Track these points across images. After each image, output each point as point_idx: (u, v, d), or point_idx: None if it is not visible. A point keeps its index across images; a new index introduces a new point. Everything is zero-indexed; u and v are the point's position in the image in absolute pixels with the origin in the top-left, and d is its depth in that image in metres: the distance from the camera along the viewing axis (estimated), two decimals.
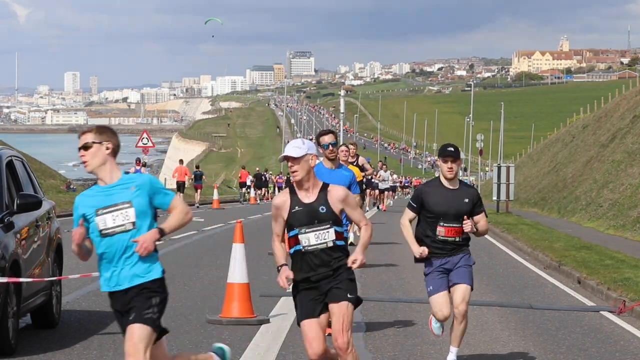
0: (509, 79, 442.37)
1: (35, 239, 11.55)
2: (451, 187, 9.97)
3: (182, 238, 27.38)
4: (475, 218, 10.17)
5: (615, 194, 37.79)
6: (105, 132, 7.54)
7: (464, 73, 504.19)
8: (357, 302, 8.15)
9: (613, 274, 17.95)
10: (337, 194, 8.03)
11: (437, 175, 12.17)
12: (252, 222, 36.60)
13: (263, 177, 69.18)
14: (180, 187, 48.31)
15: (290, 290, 8.46)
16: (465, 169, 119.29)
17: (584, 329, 13.23)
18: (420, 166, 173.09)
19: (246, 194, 65.03)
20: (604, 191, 39.57)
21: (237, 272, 12.78)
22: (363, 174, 20.89)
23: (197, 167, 55.19)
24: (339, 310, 8.02)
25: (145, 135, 49.62)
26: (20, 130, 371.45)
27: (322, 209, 7.97)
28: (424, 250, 10.61)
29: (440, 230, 10.22)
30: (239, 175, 70.49)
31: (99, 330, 12.08)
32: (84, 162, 7.53)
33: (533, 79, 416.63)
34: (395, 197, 59.76)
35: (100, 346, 11.08)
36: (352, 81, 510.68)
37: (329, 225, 7.99)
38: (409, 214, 10.63)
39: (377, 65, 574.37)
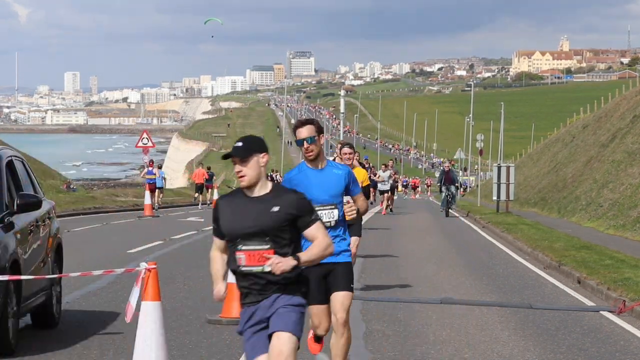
0: (509, 79, 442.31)
1: (35, 239, 11.55)
2: (255, 195, 6.83)
3: (182, 238, 27.38)
4: (306, 233, 6.78)
5: (615, 194, 37.79)
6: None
7: (464, 73, 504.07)
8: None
9: (613, 274, 17.95)
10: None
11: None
12: None
13: (269, 177, 70.42)
14: (199, 188, 52.34)
15: None
16: (465, 169, 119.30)
17: (584, 329, 13.23)
18: (420, 166, 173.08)
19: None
20: (604, 191, 39.57)
21: None
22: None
23: (209, 168, 57.17)
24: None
25: (145, 135, 49.60)
26: (20, 130, 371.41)
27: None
28: (219, 291, 7.19)
29: (240, 258, 6.78)
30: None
31: (99, 330, 12.09)
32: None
33: (533, 79, 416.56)
34: (396, 197, 58.79)
35: (100, 346, 11.08)
36: (352, 81, 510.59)
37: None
38: (215, 242, 7.11)
39: (377, 65, 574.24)
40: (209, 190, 53.71)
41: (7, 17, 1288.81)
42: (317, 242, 6.78)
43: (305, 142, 8.75)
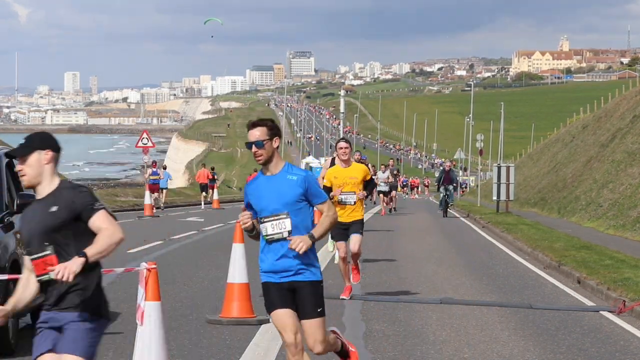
0: (509, 79, 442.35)
1: None
2: (40, 196, 6.39)
3: (182, 238, 27.38)
4: (91, 225, 6.25)
5: (615, 194, 37.79)
6: None
7: (464, 73, 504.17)
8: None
9: (613, 274, 17.96)
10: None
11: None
12: None
13: None
14: (203, 188, 55.25)
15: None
16: (465, 169, 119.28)
17: (584, 329, 13.23)
18: (420, 166, 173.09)
19: None
20: (604, 191, 39.57)
21: (237, 272, 12.79)
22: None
23: (213, 168, 59.86)
24: None
25: (145, 135, 49.62)
26: (20, 130, 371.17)
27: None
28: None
29: (33, 267, 6.52)
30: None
31: None
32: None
33: (533, 79, 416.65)
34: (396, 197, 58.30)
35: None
36: (352, 81, 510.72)
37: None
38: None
39: (377, 65, 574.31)
40: (212, 190, 55.55)
41: (7, 17, 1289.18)
42: (101, 233, 6.14)
43: (253, 145, 7.89)
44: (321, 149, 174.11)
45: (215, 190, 54.95)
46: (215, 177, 58.95)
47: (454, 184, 46.03)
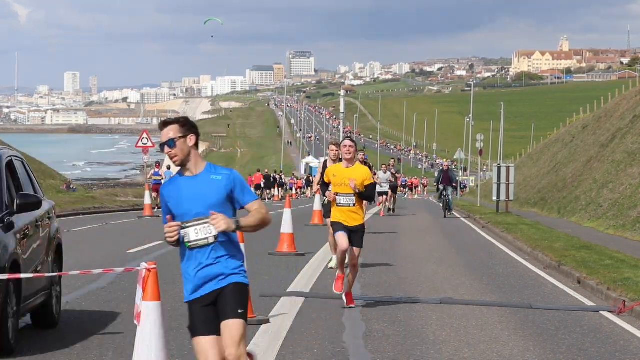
0: (509, 79, 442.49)
1: (35, 239, 11.55)
2: None
3: None
4: None
5: (615, 194, 37.79)
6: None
7: (464, 73, 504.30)
8: None
9: (613, 274, 17.95)
10: None
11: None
12: None
13: (272, 178, 77.20)
14: None
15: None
16: (465, 169, 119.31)
17: (584, 329, 13.23)
18: (420, 166, 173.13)
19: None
20: (604, 191, 39.58)
21: None
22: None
23: None
24: None
25: (145, 135, 49.66)
26: (20, 130, 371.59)
27: None
28: None
29: None
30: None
31: (99, 330, 12.08)
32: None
33: (533, 79, 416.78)
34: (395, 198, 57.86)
35: (100, 346, 11.08)
36: (352, 81, 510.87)
37: None
38: None
39: (377, 65, 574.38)
40: None
41: (7, 17, 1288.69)
42: None
43: (166, 146, 7.25)
44: (321, 148, 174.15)
45: None
46: None
47: (454, 184, 45.32)
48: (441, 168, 46.57)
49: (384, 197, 44.26)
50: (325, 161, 20.29)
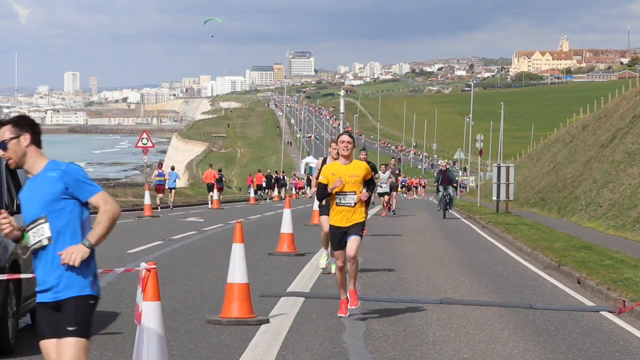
0: (508, 79, 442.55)
1: None
2: None
3: (182, 238, 27.39)
4: None
5: (615, 194, 37.79)
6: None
7: (463, 73, 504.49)
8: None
9: (613, 274, 17.95)
10: None
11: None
12: (252, 222, 36.61)
13: (273, 178, 78.30)
14: (210, 188, 56.07)
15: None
16: (465, 169, 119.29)
17: (584, 329, 13.23)
18: (420, 166, 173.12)
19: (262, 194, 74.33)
20: (603, 191, 39.57)
21: (237, 272, 12.78)
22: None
23: (220, 170, 61.90)
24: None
25: (145, 135, 49.67)
26: None
27: None
28: None
29: None
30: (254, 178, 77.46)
31: (99, 330, 12.08)
32: None
33: (533, 79, 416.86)
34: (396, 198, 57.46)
35: (100, 346, 11.08)
36: (351, 81, 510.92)
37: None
38: None
39: (377, 65, 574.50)
40: (219, 191, 57.21)
41: (8, 17, 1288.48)
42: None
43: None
44: (321, 148, 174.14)
45: (216, 190, 54.87)
46: (224, 178, 61.72)
47: (454, 184, 44.40)
48: (439, 169, 45.70)
49: (385, 197, 43.45)
50: (325, 159, 19.54)
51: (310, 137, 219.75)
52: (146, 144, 48.95)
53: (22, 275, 9.87)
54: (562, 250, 23.15)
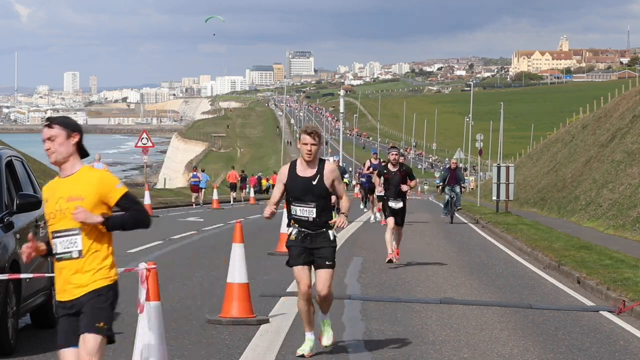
0: (508, 79, 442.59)
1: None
2: None
3: (182, 238, 27.38)
4: None
5: (614, 193, 37.79)
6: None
7: (463, 73, 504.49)
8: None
9: (612, 274, 17.96)
10: None
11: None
12: (252, 222, 36.60)
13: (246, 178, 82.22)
14: (233, 187, 62.36)
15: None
16: (465, 169, 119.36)
17: (584, 329, 13.24)
18: (419, 166, 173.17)
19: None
20: (603, 191, 39.57)
21: (237, 272, 12.78)
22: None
23: (243, 171, 69.13)
24: None
25: (144, 135, 49.69)
26: (20, 130, 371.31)
27: None
28: None
29: None
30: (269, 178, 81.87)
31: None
32: None
33: (533, 79, 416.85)
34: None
35: None
36: (351, 81, 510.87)
37: None
38: None
39: (376, 65, 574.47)
40: (243, 190, 63.04)
41: (9, 17, 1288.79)
42: None
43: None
44: (320, 148, 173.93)
45: (215, 189, 54.86)
46: (247, 178, 67.78)
47: (462, 184, 40.00)
48: (448, 166, 41.14)
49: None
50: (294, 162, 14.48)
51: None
52: (146, 143, 48.99)
53: (22, 275, 9.89)
54: (562, 250, 23.16)
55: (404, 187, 20.75)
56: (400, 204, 20.85)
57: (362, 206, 44.63)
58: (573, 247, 24.08)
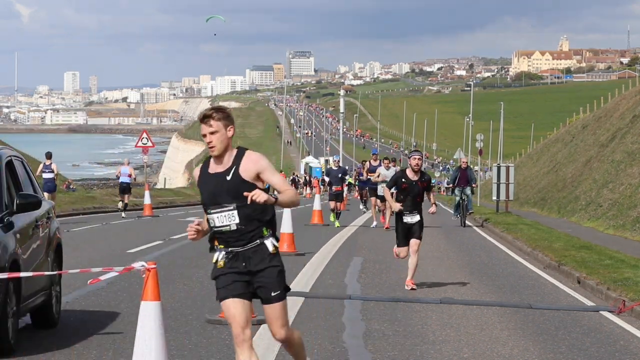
0: (508, 79, 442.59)
1: (35, 239, 11.54)
2: None
3: (182, 238, 27.37)
4: None
5: (615, 193, 37.79)
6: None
7: (463, 73, 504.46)
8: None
9: (613, 274, 17.96)
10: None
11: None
12: None
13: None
14: None
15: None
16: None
17: (584, 329, 13.24)
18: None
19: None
20: (603, 191, 39.57)
21: None
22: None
23: None
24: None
25: (145, 135, 49.72)
26: (20, 130, 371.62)
27: None
28: None
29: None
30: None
31: (99, 330, 12.08)
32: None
33: (533, 79, 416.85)
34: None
35: (100, 346, 11.08)
36: (351, 81, 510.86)
37: None
38: None
39: (376, 65, 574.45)
40: None
41: (10, 17, 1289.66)
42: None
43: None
44: (320, 148, 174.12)
45: None
46: None
47: (473, 185, 38.38)
48: (458, 165, 39.21)
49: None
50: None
51: (307, 133, 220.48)
52: (146, 143, 49.01)
53: (22, 274, 9.89)
54: (562, 250, 23.16)
55: (433, 210, 17.60)
56: (417, 217, 17.03)
57: (361, 207, 44.53)
58: (573, 247, 24.08)
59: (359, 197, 48.12)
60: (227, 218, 7.77)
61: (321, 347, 11.32)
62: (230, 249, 7.86)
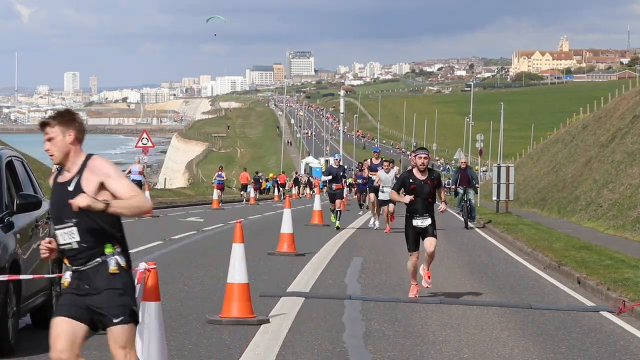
0: (508, 79, 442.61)
1: (35, 239, 11.54)
2: None
3: (182, 238, 27.38)
4: None
5: (615, 194, 37.79)
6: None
7: (463, 73, 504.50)
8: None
9: (613, 274, 17.96)
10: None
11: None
12: (252, 222, 36.60)
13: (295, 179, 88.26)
14: (244, 188, 66.28)
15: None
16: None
17: (584, 329, 13.24)
18: None
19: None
20: (603, 191, 39.57)
21: (237, 272, 12.78)
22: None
23: (257, 172, 73.16)
24: None
25: (145, 135, 49.71)
26: (20, 130, 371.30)
27: None
28: None
29: None
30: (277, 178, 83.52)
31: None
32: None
33: (533, 79, 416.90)
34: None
35: (100, 346, 11.07)
36: (351, 81, 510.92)
37: None
38: None
39: (376, 66, 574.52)
40: (256, 191, 66.30)
41: (10, 17, 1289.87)
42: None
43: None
44: (320, 148, 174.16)
45: (216, 190, 54.81)
46: (260, 179, 72.42)
47: (476, 184, 37.16)
48: (458, 166, 38.53)
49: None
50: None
51: (307, 132, 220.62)
52: (146, 144, 49.01)
53: (22, 276, 9.89)
54: (562, 250, 23.16)
55: (442, 208, 16.44)
56: (429, 221, 15.83)
57: (360, 212, 44.03)
58: (573, 248, 24.08)
59: (357, 199, 47.95)
60: (68, 235, 6.85)
61: (321, 347, 11.33)
62: (74, 267, 6.97)
